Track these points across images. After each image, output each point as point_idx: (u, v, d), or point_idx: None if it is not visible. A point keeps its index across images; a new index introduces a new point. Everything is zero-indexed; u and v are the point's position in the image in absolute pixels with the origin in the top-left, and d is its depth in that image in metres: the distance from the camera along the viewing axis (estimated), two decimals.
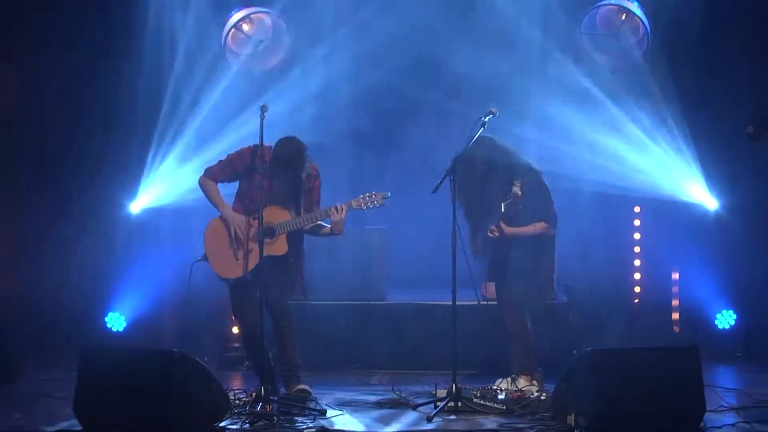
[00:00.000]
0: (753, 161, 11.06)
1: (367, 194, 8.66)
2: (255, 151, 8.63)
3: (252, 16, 11.32)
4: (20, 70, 11.20)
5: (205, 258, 8.76)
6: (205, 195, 8.85)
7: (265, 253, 8.37)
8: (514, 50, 11.11)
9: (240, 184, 8.82)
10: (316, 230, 8.79)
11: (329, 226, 8.72)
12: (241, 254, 8.63)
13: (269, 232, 8.54)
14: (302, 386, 8.69)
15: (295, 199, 8.70)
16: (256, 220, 8.41)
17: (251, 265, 8.54)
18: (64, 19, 11.20)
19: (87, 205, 11.30)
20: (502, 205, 8.79)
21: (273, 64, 11.31)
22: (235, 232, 8.64)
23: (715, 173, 11.21)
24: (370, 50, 11.27)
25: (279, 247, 8.60)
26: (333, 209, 8.61)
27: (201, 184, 8.86)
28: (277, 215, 8.62)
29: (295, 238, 8.74)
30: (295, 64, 11.22)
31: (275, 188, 8.65)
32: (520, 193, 8.81)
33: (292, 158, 8.58)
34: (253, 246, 8.49)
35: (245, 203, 8.75)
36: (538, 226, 8.94)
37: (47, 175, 11.39)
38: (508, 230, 8.83)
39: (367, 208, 8.67)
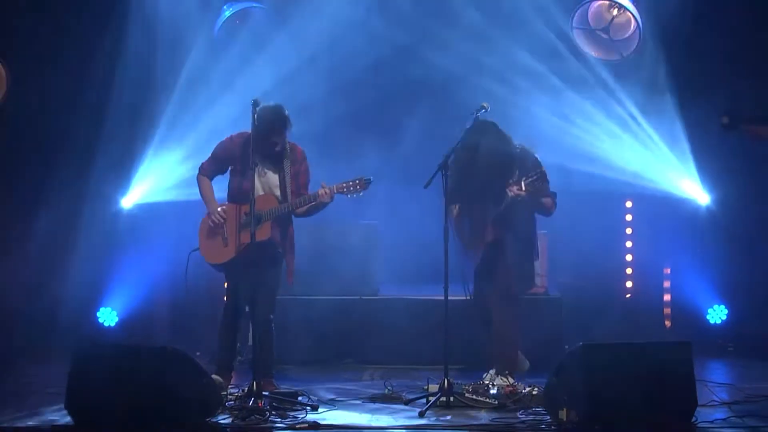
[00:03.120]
0: (744, 157, 11.07)
1: (350, 181, 8.69)
2: (238, 139, 8.83)
3: (244, 10, 11.32)
4: (10, 65, 11.16)
5: (197, 249, 8.95)
6: (199, 191, 9.00)
7: (249, 240, 8.43)
8: (507, 46, 11.11)
9: (230, 175, 8.93)
10: (305, 211, 8.87)
11: (313, 202, 8.74)
12: (228, 241, 8.76)
13: (256, 220, 8.59)
14: (274, 385, 8.82)
15: (281, 185, 8.80)
16: (242, 208, 8.61)
17: (236, 250, 8.66)
18: (53, 14, 11.18)
19: (79, 200, 11.28)
20: (523, 184, 8.74)
21: (265, 60, 11.30)
22: (221, 221, 8.77)
23: (707, 168, 11.23)
24: (363, 47, 11.28)
25: (262, 232, 8.66)
26: (322, 193, 8.65)
27: (197, 181, 9.04)
28: (265, 203, 8.71)
29: (281, 224, 8.81)
30: (287, 58, 11.21)
31: (262, 175, 8.77)
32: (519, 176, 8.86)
33: (274, 121, 8.64)
34: (240, 233, 8.62)
35: (233, 194, 8.88)
36: (548, 201, 8.93)
37: (39, 171, 11.37)
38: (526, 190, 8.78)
39: (350, 195, 8.69)
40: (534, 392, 8.44)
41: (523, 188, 8.75)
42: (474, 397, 8.39)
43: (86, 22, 11.21)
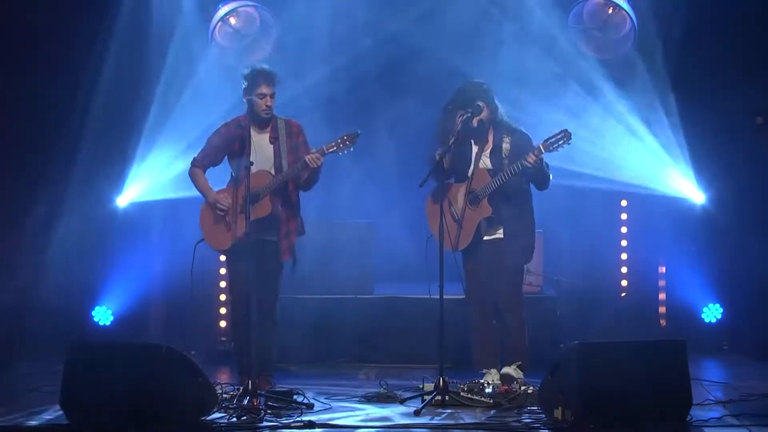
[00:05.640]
0: (740, 156, 11.09)
1: (338, 139, 8.70)
2: (233, 122, 8.89)
3: (239, 9, 11.33)
4: (2, 62, 11.16)
5: (203, 239, 8.91)
6: (193, 185, 8.99)
7: (252, 217, 8.44)
8: (502, 44, 11.10)
9: (228, 160, 8.93)
10: (305, 181, 8.85)
11: (304, 169, 8.73)
12: (232, 225, 8.74)
13: (254, 198, 8.57)
14: (271, 384, 8.81)
15: (276, 158, 8.80)
16: (240, 190, 8.61)
17: (240, 231, 8.61)
18: (48, 9, 11.16)
19: (74, 198, 11.26)
20: (541, 145, 8.65)
21: (259, 58, 11.29)
22: (219, 207, 8.74)
23: (702, 167, 11.23)
24: (355, 43, 11.28)
25: (263, 208, 8.67)
26: (309, 158, 8.64)
27: (189, 175, 9.02)
28: (260, 180, 8.69)
29: (281, 196, 8.79)
30: (280, 56, 11.20)
31: (258, 153, 8.76)
32: (508, 147, 8.82)
33: (259, 74, 8.74)
34: (241, 213, 8.57)
35: (234, 177, 8.87)
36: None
37: (34, 170, 11.34)
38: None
39: (342, 152, 8.69)
40: (529, 391, 8.45)
41: (542, 149, 8.67)
42: (469, 396, 8.40)
43: (79, 19, 11.18)
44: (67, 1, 11.20)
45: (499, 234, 8.88)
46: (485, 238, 8.91)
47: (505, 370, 8.82)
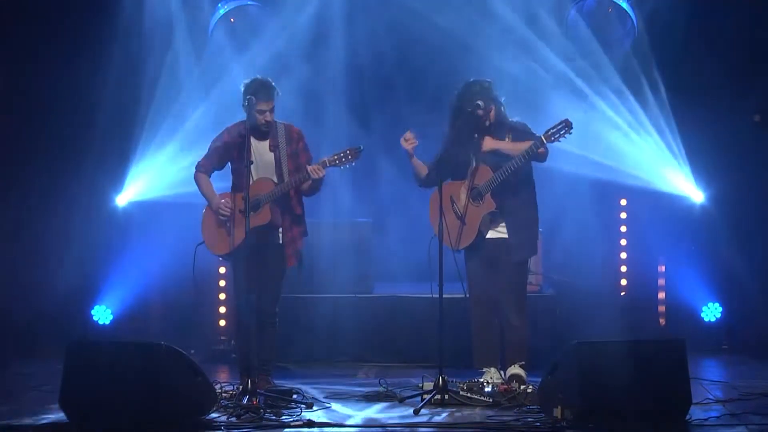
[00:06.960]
0: (739, 154, 11.09)
1: (341, 152, 8.71)
2: (234, 128, 8.85)
3: (238, 8, 11.34)
4: (2, 62, 11.16)
5: (203, 242, 8.92)
6: (198, 189, 9.00)
7: (252, 225, 8.43)
8: (502, 41, 11.10)
9: (231, 166, 8.93)
10: (306, 189, 8.88)
11: (308, 179, 8.76)
12: (233, 230, 8.71)
13: (255, 205, 8.57)
14: (270, 383, 8.80)
15: (277, 165, 8.80)
16: (240, 196, 8.54)
17: (239, 238, 8.56)
18: (47, 5, 11.16)
19: (73, 198, 11.27)
20: (543, 137, 8.68)
21: (257, 58, 11.31)
22: (221, 213, 8.74)
23: (702, 166, 11.23)
24: (353, 43, 11.29)
25: (263, 216, 8.68)
26: (311, 169, 8.68)
27: (194, 179, 9.01)
28: (262, 187, 8.70)
29: (282, 204, 8.80)
30: (281, 53, 11.20)
31: (259, 161, 8.75)
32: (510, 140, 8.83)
33: (259, 89, 8.68)
34: (241, 219, 8.49)
35: (235, 183, 8.85)
36: (542, 150, 8.73)
37: (33, 167, 11.35)
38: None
39: (343, 166, 8.72)
40: (529, 390, 8.45)
41: (544, 140, 8.65)
42: (469, 395, 8.40)
43: (78, 20, 11.18)
44: (67, 1, 11.20)
45: (503, 231, 8.88)
46: (489, 235, 8.91)
47: (516, 371, 8.80)
